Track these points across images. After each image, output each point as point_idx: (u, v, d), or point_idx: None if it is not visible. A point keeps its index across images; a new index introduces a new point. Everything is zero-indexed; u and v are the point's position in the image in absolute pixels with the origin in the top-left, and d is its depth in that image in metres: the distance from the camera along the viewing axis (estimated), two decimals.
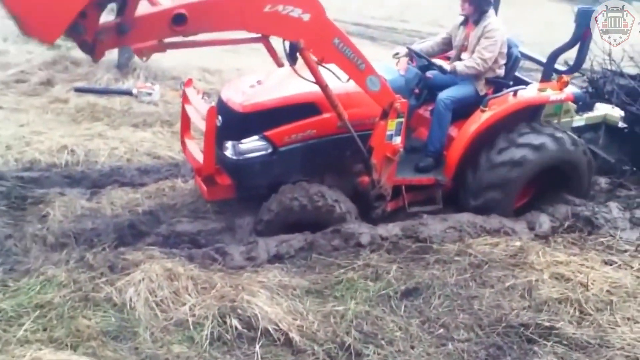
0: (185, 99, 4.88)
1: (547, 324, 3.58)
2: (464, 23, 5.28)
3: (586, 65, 7.48)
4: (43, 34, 3.14)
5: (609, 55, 7.14)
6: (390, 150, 4.56)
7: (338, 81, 4.22)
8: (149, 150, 6.08)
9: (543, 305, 3.84)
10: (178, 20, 3.48)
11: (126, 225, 4.44)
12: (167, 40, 3.87)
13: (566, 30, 5.70)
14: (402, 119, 4.49)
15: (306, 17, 3.80)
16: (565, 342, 3.48)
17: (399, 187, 4.92)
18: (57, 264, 3.65)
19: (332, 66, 4.16)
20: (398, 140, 4.56)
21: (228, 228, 4.63)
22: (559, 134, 5.09)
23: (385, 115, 4.45)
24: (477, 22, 5.10)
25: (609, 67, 7.09)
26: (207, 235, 4.51)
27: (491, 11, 5.14)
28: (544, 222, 5.05)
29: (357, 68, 4.16)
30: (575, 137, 5.26)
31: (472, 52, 5.12)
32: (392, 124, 4.47)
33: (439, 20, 17.50)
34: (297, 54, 4.07)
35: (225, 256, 4.07)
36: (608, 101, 6.70)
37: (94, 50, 3.40)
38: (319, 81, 4.10)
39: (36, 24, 3.05)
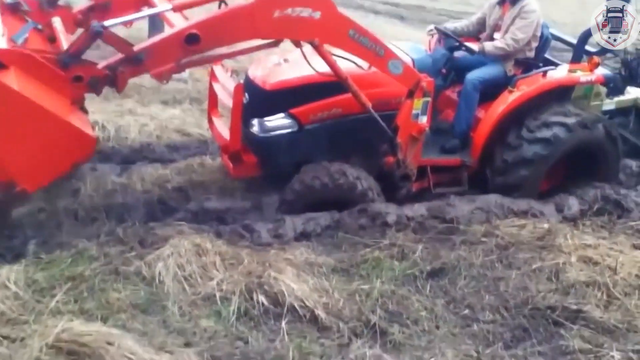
0: (213, 76, 4.91)
1: (574, 307, 3.54)
2: (501, 2, 5.20)
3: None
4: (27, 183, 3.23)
5: None
6: (416, 130, 4.53)
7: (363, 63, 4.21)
8: (178, 128, 6.14)
9: (570, 288, 3.80)
10: (191, 40, 3.53)
11: (155, 200, 4.51)
12: (185, 60, 3.85)
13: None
14: (429, 98, 4.46)
15: (317, 15, 3.78)
16: (592, 326, 3.44)
17: (424, 168, 4.89)
18: (88, 237, 3.72)
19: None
20: (424, 120, 4.53)
21: (255, 206, 4.66)
22: (588, 116, 5.02)
23: (411, 94, 4.42)
24: (514, 2, 5.02)
25: None
26: (235, 213, 4.55)
27: None
28: (573, 204, 5.00)
29: (377, 55, 4.13)
30: (605, 119, 5.19)
31: (506, 32, 5.05)
32: (418, 103, 4.44)
33: (469, 1, 17.27)
34: None
35: (252, 233, 4.11)
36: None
37: (115, 83, 3.51)
38: (338, 74, 4.11)
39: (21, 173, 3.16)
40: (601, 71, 5.29)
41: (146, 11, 3.90)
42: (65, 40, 3.73)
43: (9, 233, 3.82)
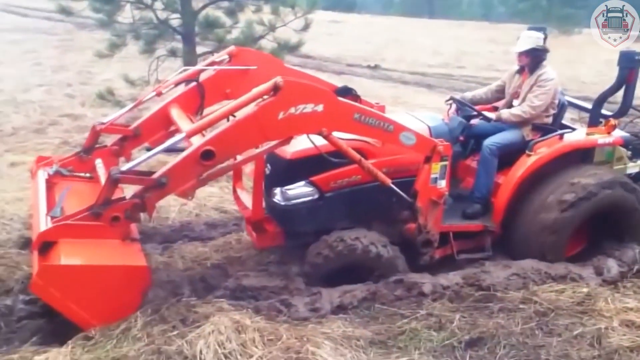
0: None
1: None
2: (520, 71, 5.37)
3: None
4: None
5: None
6: (436, 194, 4.61)
7: None
8: (216, 205, 6.33)
9: (614, 354, 3.75)
10: (207, 156, 3.73)
11: (197, 278, 4.62)
12: (205, 174, 4.03)
13: None
14: (446, 162, 4.55)
15: (320, 108, 3.94)
16: None
17: (447, 234, 4.94)
18: (133, 317, 3.83)
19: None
20: (443, 184, 4.61)
21: (290, 279, 4.73)
22: (610, 177, 5.04)
23: (428, 159, 4.53)
24: (532, 71, 5.17)
25: None
26: (271, 290, 4.56)
27: (546, 61, 5.20)
28: (612, 267, 4.96)
29: (386, 131, 4.27)
30: (629, 181, 5.20)
31: (524, 99, 5.18)
32: (436, 167, 4.53)
33: (495, 65, 17.56)
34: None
35: (290, 307, 4.17)
36: None
37: (145, 209, 3.77)
38: (351, 158, 4.26)
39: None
40: (619, 133, 5.34)
41: (161, 146, 4.05)
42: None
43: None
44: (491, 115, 5.23)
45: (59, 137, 8.87)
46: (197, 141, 3.82)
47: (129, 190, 3.95)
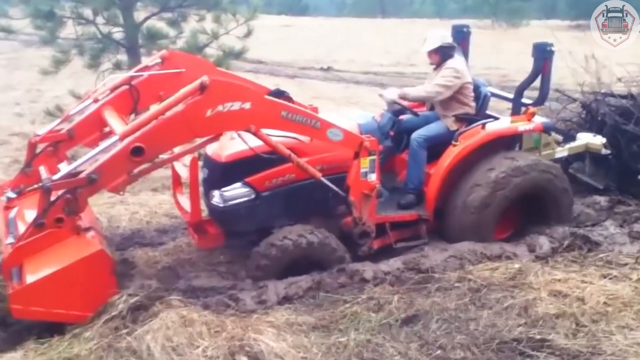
0: None
1: (538, 337, 3.76)
2: (436, 68, 5.65)
3: (577, 89, 7.79)
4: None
5: (598, 79, 7.42)
6: (367, 187, 4.84)
7: None
8: (167, 212, 6.45)
9: (539, 320, 4.02)
10: (136, 153, 3.91)
11: (148, 280, 4.74)
12: (136, 170, 4.23)
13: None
14: (374, 157, 4.78)
15: (247, 105, 4.13)
16: (557, 353, 3.65)
17: (384, 225, 5.17)
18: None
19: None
20: (373, 177, 4.84)
21: (240, 278, 4.90)
22: (532, 161, 5.33)
23: (357, 155, 4.74)
24: (440, 65, 5.49)
25: (599, 90, 7.35)
26: (220, 290, 4.69)
27: (456, 56, 5.50)
28: (544, 243, 5.26)
29: (314, 127, 4.49)
30: (550, 163, 5.49)
31: None
32: (365, 162, 4.76)
33: None
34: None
35: (237, 301, 4.35)
36: (603, 123, 6.93)
37: (77, 204, 3.93)
38: (281, 153, 4.46)
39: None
40: (539, 120, 5.62)
41: (94, 150, 4.27)
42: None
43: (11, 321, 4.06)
44: (388, 91, 5.43)
45: (9, 156, 8.87)
46: (127, 138, 3.97)
47: None
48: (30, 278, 3.74)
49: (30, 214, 4.23)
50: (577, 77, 7.63)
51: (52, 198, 3.91)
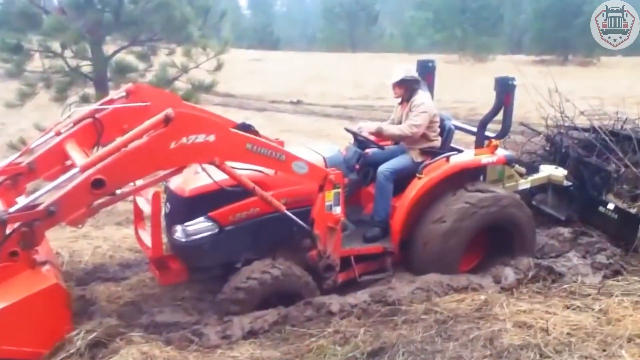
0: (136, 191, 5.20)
1: None
2: (401, 102, 5.74)
3: (542, 123, 7.97)
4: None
5: (562, 112, 7.61)
6: (332, 220, 4.82)
7: None
8: (131, 246, 6.32)
9: (504, 352, 4.02)
10: (97, 185, 3.84)
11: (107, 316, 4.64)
12: (96, 202, 4.16)
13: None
14: (339, 190, 4.78)
15: (211, 138, 4.10)
16: None
17: (349, 258, 5.15)
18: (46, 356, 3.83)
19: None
20: (338, 210, 4.83)
21: (206, 312, 4.82)
22: (495, 193, 5.39)
23: (321, 188, 4.74)
24: (408, 100, 5.56)
25: (563, 123, 7.53)
26: (184, 326, 4.62)
27: (421, 90, 5.59)
28: (509, 274, 5.29)
29: (279, 160, 4.47)
30: (513, 195, 5.56)
31: None
32: (329, 195, 4.76)
33: None
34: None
35: (201, 337, 4.27)
36: (566, 155, 7.08)
37: (33, 238, 3.84)
38: (245, 186, 4.43)
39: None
40: (502, 152, 5.71)
41: (54, 182, 4.25)
42: None
43: None
44: (367, 125, 5.51)
45: None
46: (88, 171, 3.90)
47: None
48: None
49: None
50: (541, 110, 7.81)
51: (8, 231, 3.81)
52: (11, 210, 3.91)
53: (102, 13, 9.63)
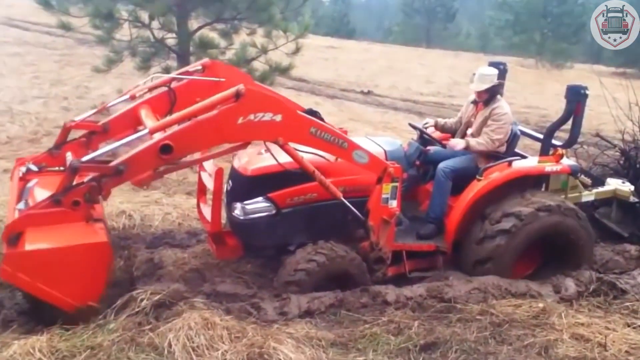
0: (201, 167, 5.38)
1: None
2: (475, 102, 5.71)
3: (617, 136, 7.75)
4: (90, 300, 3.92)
5: None
6: (387, 213, 4.86)
7: None
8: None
9: None
10: (165, 150, 3.97)
11: (175, 280, 4.86)
12: (162, 167, 4.33)
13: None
14: (397, 183, 4.81)
15: (278, 117, 4.21)
16: None
17: (401, 253, 5.19)
18: (110, 311, 4.06)
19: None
20: (394, 204, 4.87)
21: (265, 287, 4.97)
22: (556, 202, 5.29)
23: (380, 180, 4.78)
24: (486, 104, 5.51)
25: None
26: (242, 299, 4.74)
27: (499, 95, 5.56)
28: (570, 285, 5.22)
29: (341, 147, 4.54)
30: (571, 206, 5.43)
31: (478, 130, 5.51)
32: (387, 188, 4.80)
33: None
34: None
35: (259, 310, 4.41)
36: None
37: (101, 192, 3.99)
38: (306, 169, 4.49)
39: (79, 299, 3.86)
40: (567, 162, 5.60)
41: (125, 139, 4.34)
42: None
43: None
44: (456, 141, 5.47)
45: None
46: (157, 135, 4.07)
47: None
48: (29, 246, 3.74)
49: (44, 193, 4.25)
50: (619, 123, 7.59)
51: (76, 181, 3.98)
52: (84, 159, 4.07)
53: None
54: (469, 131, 5.71)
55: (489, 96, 5.53)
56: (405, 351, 4.01)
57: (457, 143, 5.43)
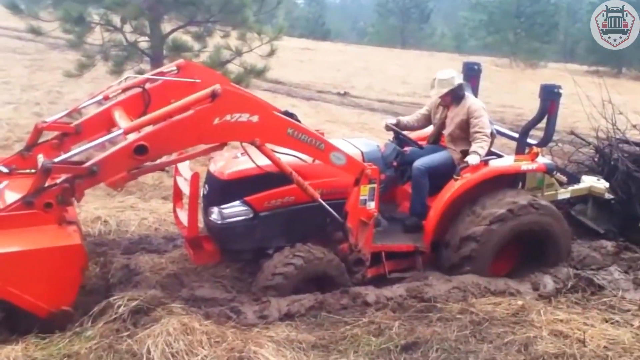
0: (177, 171, 5.32)
1: None
2: (444, 104, 5.70)
3: (592, 134, 7.84)
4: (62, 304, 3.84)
5: (614, 124, 7.47)
6: (365, 215, 4.85)
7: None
8: None
9: (538, 359, 4.02)
10: (140, 151, 3.92)
11: (152, 286, 4.79)
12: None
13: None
14: (374, 185, 4.81)
15: (255, 118, 4.19)
16: None
17: (380, 254, 5.17)
18: (87, 318, 3.98)
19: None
20: (372, 205, 4.86)
21: (243, 292, 4.92)
22: (532, 200, 5.33)
23: (357, 182, 4.78)
24: (457, 103, 5.54)
25: (614, 135, 7.39)
26: (221, 303, 4.70)
27: (467, 93, 5.57)
28: (548, 282, 5.28)
29: (318, 148, 4.53)
30: (547, 203, 5.48)
31: (457, 129, 5.52)
32: (364, 190, 4.79)
33: None
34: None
35: (239, 314, 4.38)
36: (615, 168, 6.96)
37: (74, 194, 3.91)
38: (283, 170, 4.47)
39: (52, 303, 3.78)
40: (543, 160, 5.65)
41: (98, 140, 4.28)
42: None
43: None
44: (473, 159, 5.28)
45: None
46: (131, 135, 4.00)
47: None
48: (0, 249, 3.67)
49: (15, 195, 4.12)
50: (593, 121, 7.68)
51: (48, 182, 3.90)
52: (56, 160, 3.98)
53: None
54: (445, 132, 5.71)
55: (452, 97, 5.53)
56: (386, 352, 4.01)
57: (474, 159, 5.29)
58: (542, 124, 5.80)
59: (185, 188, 5.03)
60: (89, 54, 9.61)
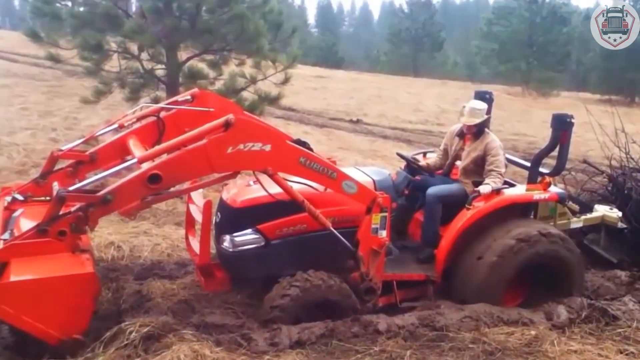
0: (189, 199, 5.35)
1: None
2: (460, 135, 5.73)
3: (605, 162, 7.82)
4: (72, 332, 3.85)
5: (627, 152, 7.45)
6: (376, 243, 4.82)
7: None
8: None
9: None
10: (154, 180, 3.95)
11: (161, 312, 4.80)
12: (149, 197, 4.27)
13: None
14: (386, 213, 4.79)
15: (267, 147, 4.21)
16: None
17: (391, 283, 5.15)
18: (98, 344, 3.98)
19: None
20: (384, 234, 4.84)
21: (254, 318, 4.91)
22: (544, 229, 5.29)
23: (369, 210, 4.77)
24: (477, 137, 5.56)
25: (627, 164, 7.37)
26: (230, 329, 4.68)
27: (487, 129, 5.61)
28: (562, 312, 5.19)
29: (330, 177, 4.53)
30: (561, 233, 5.43)
31: (471, 164, 5.53)
32: (376, 218, 4.77)
33: None
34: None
35: (250, 342, 4.34)
36: (628, 197, 6.92)
37: (88, 222, 3.95)
38: (295, 198, 4.48)
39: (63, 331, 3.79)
40: (555, 189, 5.63)
41: (113, 168, 4.32)
42: None
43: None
44: (484, 188, 5.29)
45: None
46: (146, 165, 4.04)
47: None
48: (14, 277, 3.67)
49: (30, 223, 4.17)
50: (606, 150, 7.67)
51: (62, 210, 3.93)
52: (71, 188, 4.03)
53: (179, 20, 9.99)
54: (459, 163, 5.72)
55: (477, 130, 5.56)
56: None
57: (485, 189, 5.29)
58: (555, 153, 5.79)
59: (197, 216, 5.05)
60: (106, 81, 9.77)
